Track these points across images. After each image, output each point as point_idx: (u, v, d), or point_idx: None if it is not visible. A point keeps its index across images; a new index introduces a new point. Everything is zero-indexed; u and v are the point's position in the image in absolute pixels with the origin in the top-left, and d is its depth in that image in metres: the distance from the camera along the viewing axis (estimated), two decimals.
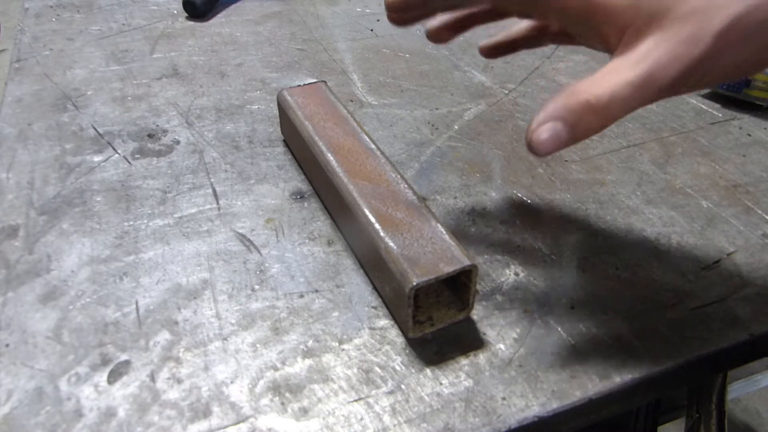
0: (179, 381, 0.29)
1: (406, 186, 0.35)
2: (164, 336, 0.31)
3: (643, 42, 0.26)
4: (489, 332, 0.32)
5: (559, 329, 0.32)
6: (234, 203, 0.40)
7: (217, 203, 0.40)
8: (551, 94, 0.54)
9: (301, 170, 0.43)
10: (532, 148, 0.26)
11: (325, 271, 0.35)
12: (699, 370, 0.32)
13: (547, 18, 0.31)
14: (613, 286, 0.35)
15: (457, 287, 0.32)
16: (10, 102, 0.50)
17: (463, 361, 0.30)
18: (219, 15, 0.68)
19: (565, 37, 0.36)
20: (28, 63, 0.56)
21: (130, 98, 0.52)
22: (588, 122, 0.26)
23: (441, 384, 0.29)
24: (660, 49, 0.25)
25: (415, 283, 0.29)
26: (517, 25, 0.38)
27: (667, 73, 0.25)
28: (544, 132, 0.26)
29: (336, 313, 0.33)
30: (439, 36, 0.37)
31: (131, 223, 0.38)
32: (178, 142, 0.46)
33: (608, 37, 0.28)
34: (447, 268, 0.29)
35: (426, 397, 0.29)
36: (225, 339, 0.31)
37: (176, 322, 0.32)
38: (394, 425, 0.27)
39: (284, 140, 0.46)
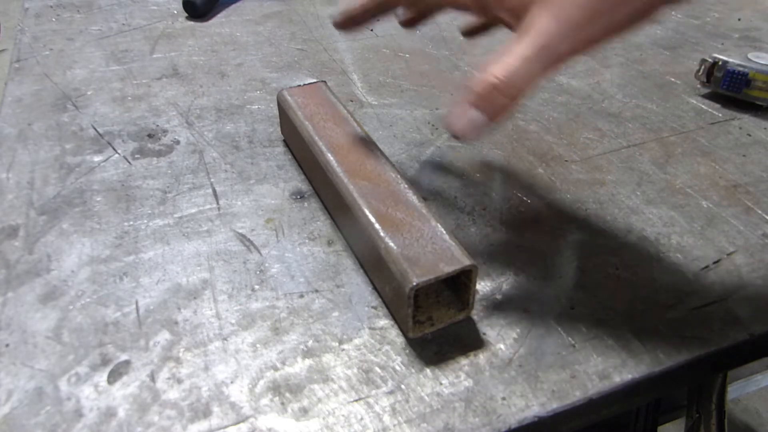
0: (179, 381, 0.29)
1: (406, 186, 0.35)
2: (164, 336, 0.31)
3: (533, 17, 0.28)
4: (489, 332, 0.32)
5: (559, 329, 0.32)
6: (234, 203, 0.40)
7: (217, 203, 0.40)
8: (551, 94, 0.54)
9: (301, 170, 0.43)
10: (454, 135, 0.29)
11: (325, 271, 0.35)
12: (699, 370, 0.32)
13: (463, 11, 0.34)
14: (613, 286, 0.35)
15: (457, 287, 0.32)
16: (10, 102, 0.50)
17: (463, 361, 0.30)
18: (219, 15, 0.68)
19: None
20: (28, 63, 0.56)
21: (130, 98, 0.52)
22: (498, 102, 0.28)
23: (441, 384, 0.29)
24: (546, 17, 0.27)
25: (415, 283, 0.29)
26: None
27: (557, 37, 0.27)
28: (460, 120, 0.29)
29: (336, 313, 0.33)
30: (409, 24, 0.41)
31: (131, 223, 0.38)
32: (178, 142, 0.46)
33: (506, 20, 0.30)
34: (447, 268, 0.29)
35: (426, 397, 0.29)
36: (225, 339, 0.31)
37: (176, 322, 0.32)
38: (394, 425, 0.27)
39: (284, 140, 0.46)
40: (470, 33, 0.43)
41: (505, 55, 0.28)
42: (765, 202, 0.41)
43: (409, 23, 0.41)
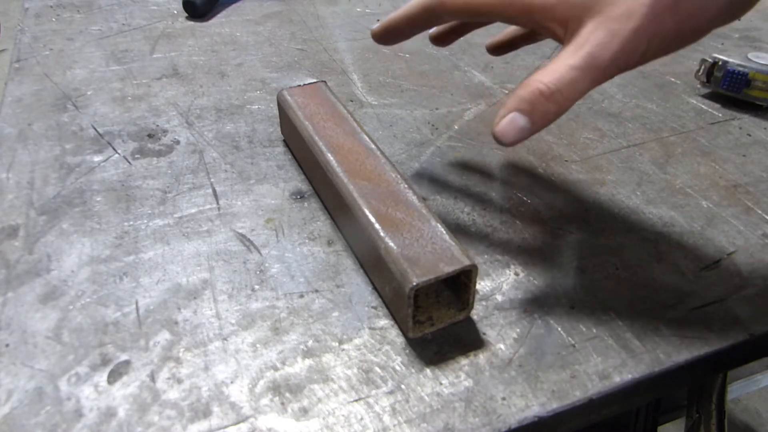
0: (179, 381, 0.29)
1: (406, 186, 0.35)
2: (164, 336, 0.31)
3: (584, 28, 0.28)
4: (489, 332, 0.32)
5: (559, 329, 0.32)
6: (234, 203, 0.40)
7: (217, 203, 0.40)
8: None
9: (301, 170, 0.43)
10: (496, 139, 0.29)
11: (325, 271, 0.35)
12: (699, 370, 0.32)
13: (510, 22, 0.33)
14: (613, 286, 0.35)
15: (457, 287, 0.32)
16: (10, 102, 0.50)
17: (463, 361, 0.30)
18: (219, 15, 0.68)
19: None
20: (28, 63, 0.56)
21: (130, 98, 0.52)
22: (543, 109, 0.28)
23: (441, 384, 0.29)
24: (598, 30, 0.28)
25: (415, 283, 0.29)
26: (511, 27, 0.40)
27: (607, 50, 0.28)
28: (504, 123, 0.29)
29: (336, 313, 0.33)
30: (441, 40, 0.40)
31: (131, 223, 0.38)
32: (178, 142, 0.46)
33: (555, 32, 0.30)
34: (447, 268, 0.29)
35: (426, 397, 0.29)
36: (225, 339, 0.31)
37: (176, 322, 0.32)
38: (394, 425, 0.27)
39: (284, 140, 0.46)
40: (497, 49, 0.42)
41: (555, 64, 0.28)
42: (765, 202, 0.41)
43: (441, 39, 0.40)
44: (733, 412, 1.13)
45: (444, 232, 0.32)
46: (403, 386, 0.29)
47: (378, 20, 0.67)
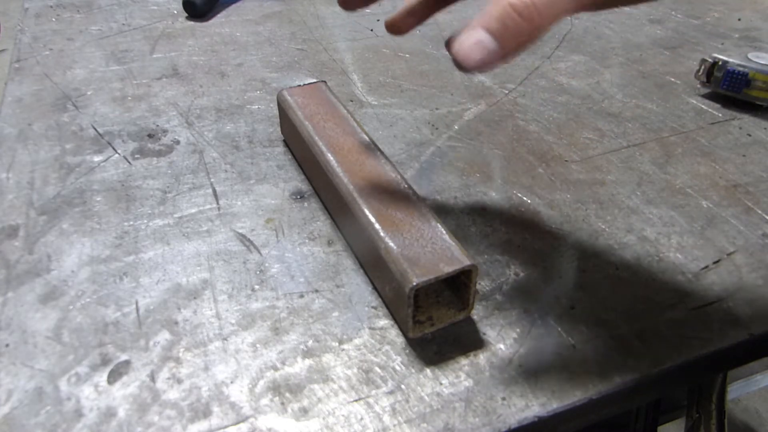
0: (179, 381, 0.29)
1: (406, 186, 0.35)
2: (164, 336, 0.31)
3: None
4: (489, 332, 0.32)
5: (559, 329, 0.32)
6: (234, 203, 0.40)
7: (217, 203, 0.40)
8: (551, 94, 0.54)
9: (301, 170, 0.43)
10: (457, 63, 0.25)
11: (325, 271, 0.35)
12: (699, 370, 0.32)
13: None
14: (613, 286, 0.35)
15: (457, 287, 0.32)
16: (10, 102, 0.50)
17: (463, 361, 0.30)
18: (219, 15, 0.68)
19: None
20: (28, 63, 0.56)
21: (130, 98, 0.52)
22: (514, 25, 0.24)
23: (441, 384, 0.29)
24: None
25: (415, 283, 0.29)
26: None
27: None
28: (468, 44, 0.24)
29: (336, 313, 0.33)
30: (399, 25, 0.34)
31: (131, 223, 0.38)
32: (178, 142, 0.46)
33: None
34: (447, 268, 0.29)
35: (426, 397, 0.29)
36: (225, 339, 0.31)
37: (176, 322, 0.32)
38: (394, 425, 0.27)
39: (284, 140, 0.46)
40: (407, 17, 0.35)
41: None
42: (765, 202, 0.41)
43: (398, 25, 0.34)
44: (733, 412, 1.13)
45: (444, 232, 0.32)
46: (403, 386, 0.29)
47: (378, 20, 0.67)
